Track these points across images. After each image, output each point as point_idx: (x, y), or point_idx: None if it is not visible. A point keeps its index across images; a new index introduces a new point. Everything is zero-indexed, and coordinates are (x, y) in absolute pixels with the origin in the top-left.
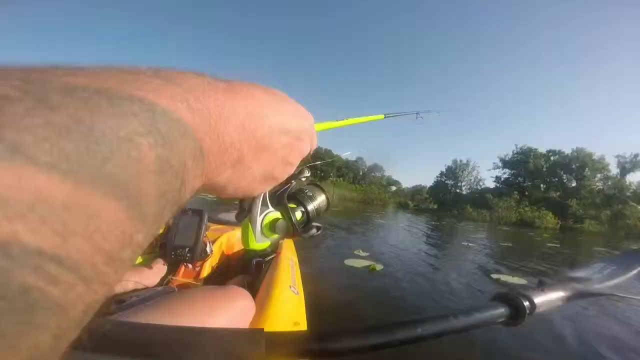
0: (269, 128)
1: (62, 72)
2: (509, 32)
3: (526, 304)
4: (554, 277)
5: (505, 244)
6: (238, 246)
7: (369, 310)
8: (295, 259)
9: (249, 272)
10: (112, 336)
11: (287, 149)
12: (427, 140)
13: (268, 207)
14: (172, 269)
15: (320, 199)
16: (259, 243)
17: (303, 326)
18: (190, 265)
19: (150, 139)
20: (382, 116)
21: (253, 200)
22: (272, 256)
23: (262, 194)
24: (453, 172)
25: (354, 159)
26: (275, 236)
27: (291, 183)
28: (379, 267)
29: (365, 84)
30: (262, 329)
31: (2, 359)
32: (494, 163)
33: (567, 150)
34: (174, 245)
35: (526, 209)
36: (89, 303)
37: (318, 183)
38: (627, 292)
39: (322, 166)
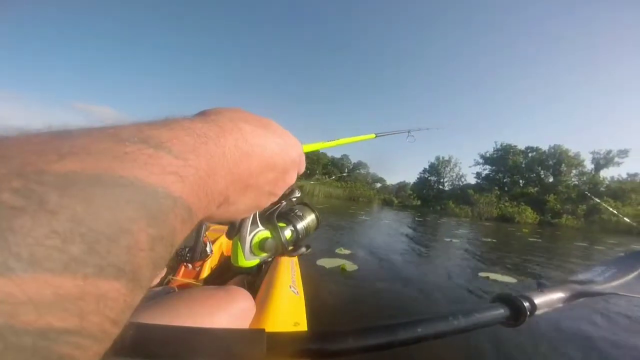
0: (256, 168)
1: (54, 155)
2: (492, 34)
3: (526, 304)
4: (554, 281)
5: (488, 240)
6: None
7: (324, 319)
8: (296, 259)
9: (249, 272)
10: None
11: (272, 184)
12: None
13: (258, 226)
14: (172, 269)
15: (310, 218)
16: (248, 261)
17: (303, 326)
18: (190, 265)
19: (142, 222)
20: (374, 135)
21: (242, 220)
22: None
23: (252, 215)
24: (436, 169)
25: (339, 156)
26: (264, 254)
27: (281, 203)
28: (352, 267)
29: (350, 103)
30: (264, 329)
31: None
32: (474, 160)
33: (544, 147)
34: None
35: (506, 204)
36: (101, 353)
37: (308, 202)
38: (628, 290)
39: (307, 164)
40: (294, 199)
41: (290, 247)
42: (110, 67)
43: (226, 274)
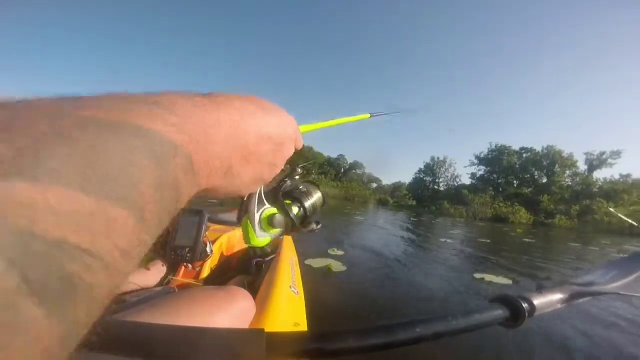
0: (253, 138)
1: (71, 107)
2: (490, 34)
3: (525, 305)
4: (552, 282)
5: (483, 240)
6: (238, 246)
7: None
8: (296, 259)
9: (249, 272)
10: (112, 335)
11: (271, 154)
12: (406, 139)
13: (264, 204)
14: (172, 269)
15: (316, 195)
16: (260, 239)
17: (303, 326)
18: (190, 265)
19: (150, 162)
20: (368, 115)
21: (249, 198)
22: (272, 256)
23: (257, 192)
24: (431, 169)
25: (335, 156)
26: (276, 231)
27: (285, 181)
28: (340, 267)
29: (349, 84)
30: (263, 329)
31: (56, 326)
32: (469, 160)
33: (538, 147)
34: (173, 245)
35: (500, 204)
36: (109, 288)
37: (313, 180)
38: (627, 290)
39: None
40: (296, 177)
41: (300, 223)
42: (103, 65)
43: (226, 274)
